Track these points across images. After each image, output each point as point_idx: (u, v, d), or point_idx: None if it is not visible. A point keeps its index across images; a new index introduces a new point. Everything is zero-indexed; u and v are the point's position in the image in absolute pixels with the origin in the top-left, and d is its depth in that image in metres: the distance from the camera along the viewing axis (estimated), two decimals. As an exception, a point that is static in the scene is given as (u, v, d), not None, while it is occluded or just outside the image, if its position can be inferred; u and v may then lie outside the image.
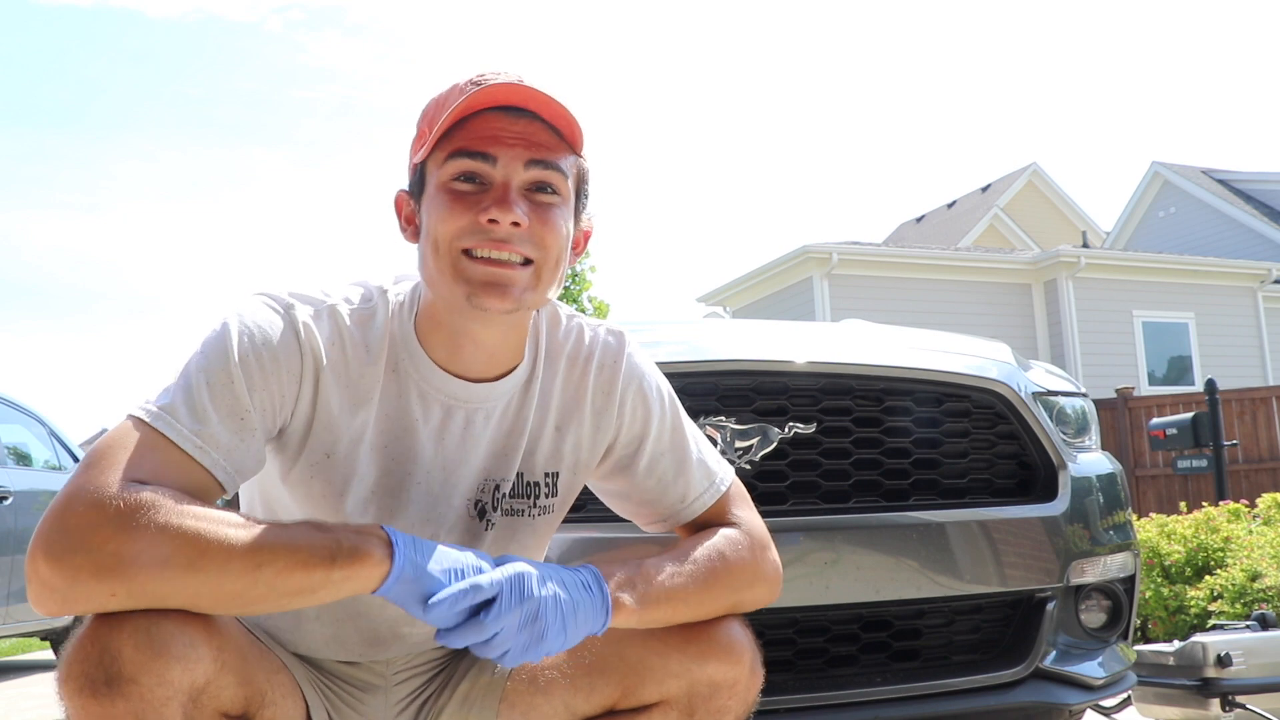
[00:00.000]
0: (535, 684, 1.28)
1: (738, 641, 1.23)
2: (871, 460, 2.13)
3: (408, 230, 1.23)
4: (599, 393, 1.32)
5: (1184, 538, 4.69)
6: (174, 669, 0.96)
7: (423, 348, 1.22)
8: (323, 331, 1.18)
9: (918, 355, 2.23)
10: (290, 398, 1.16)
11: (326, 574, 0.99)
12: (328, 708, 1.29)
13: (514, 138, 1.14)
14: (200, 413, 1.07)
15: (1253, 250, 16.96)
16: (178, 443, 1.05)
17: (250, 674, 1.10)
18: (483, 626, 1.02)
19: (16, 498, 5.66)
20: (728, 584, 1.23)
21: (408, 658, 1.35)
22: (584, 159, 1.22)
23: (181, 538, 0.95)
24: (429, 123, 1.19)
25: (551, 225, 1.15)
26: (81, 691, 0.94)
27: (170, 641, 0.96)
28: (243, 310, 1.16)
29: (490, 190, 1.14)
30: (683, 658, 1.21)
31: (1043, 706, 2.12)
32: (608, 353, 1.33)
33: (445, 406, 1.23)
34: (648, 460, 1.33)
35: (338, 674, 1.33)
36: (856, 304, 12.91)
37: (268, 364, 1.13)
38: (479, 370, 1.24)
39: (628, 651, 1.23)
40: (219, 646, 1.02)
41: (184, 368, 1.11)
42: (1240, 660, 2.68)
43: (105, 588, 0.94)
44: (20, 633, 5.92)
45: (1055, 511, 2.18)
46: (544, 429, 1.30)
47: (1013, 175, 22.01)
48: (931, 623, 2.15)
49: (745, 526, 1.32)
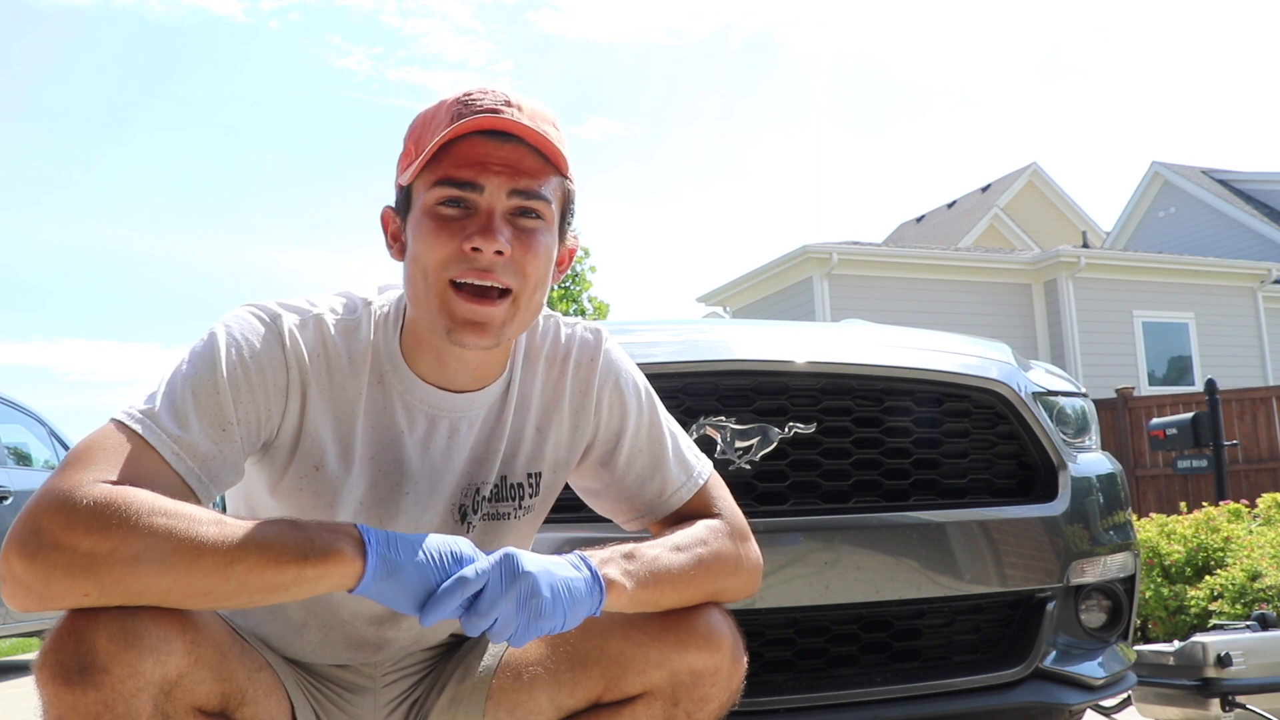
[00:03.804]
0: (520, 681, 1.29)
1: (717, 629, 1.24)
2: (871, 460, 2.13)
3: (394, 247, 1.25)
4: (576, 391, 1.34)
5: (1184, 538, 4.69)
6: (146, 660, 0.97)
7: (406, 361, 1.24)
8: (308, 342, 1.20)
9: (918, 355, 2.23)
10: (277, 411, 1.17)
11: (299, 571, 1.00)
12: (316, 709, 1.29)
13: (499, 164, 1.15)
14: (182, 420, 1.08)
15: (1253, 250, 16.97)
16: (156, 447, 1.06)
17: (229, 671, 1.10)
18: (481, 615, 1.04)
19: (16, 498, 5.67)
20: (712, 570, 1.25)
21: (396, 660, 1.36)
22: (570, 180, 1.23)
23: (153, 536, 0.96)
24: (415, 142, 1.20)
25: (534, 252, 1.16)
26: (55, 680, 0.96)
27: (144, 634, 0.97)
28: (230, 322, 1.17)
29: (475, 216, 1.15)
30: (662, 647, 1.21)
31: (1043, 707, 2.12)
32: (584, 350, 1.35)
33: (430, 417, 1.25)
34: (626, 455, 1.35)
35: (328, 676, 1.34)
36: (856, 304, 12.92)
37: (254, 376, 1.15)
38: (462, 383, 1.25)
39: (608, 644, 1.24)
40: (195, 641, 1.03)
41: (170, 376, 1.12)
42: (1240, 660, 2.68)
43: (79, 586, 0.95)
44: (20, 633, 5.93)
45: (1055, 511, 2.18)
46: (524, 430, 1.31)
47: (1013, 175, 22.03)
48: (931, 623, 2.15)
49: (726, 517, 1.33)
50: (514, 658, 1.31)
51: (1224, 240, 17.61)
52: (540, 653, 1.28)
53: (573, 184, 1.24)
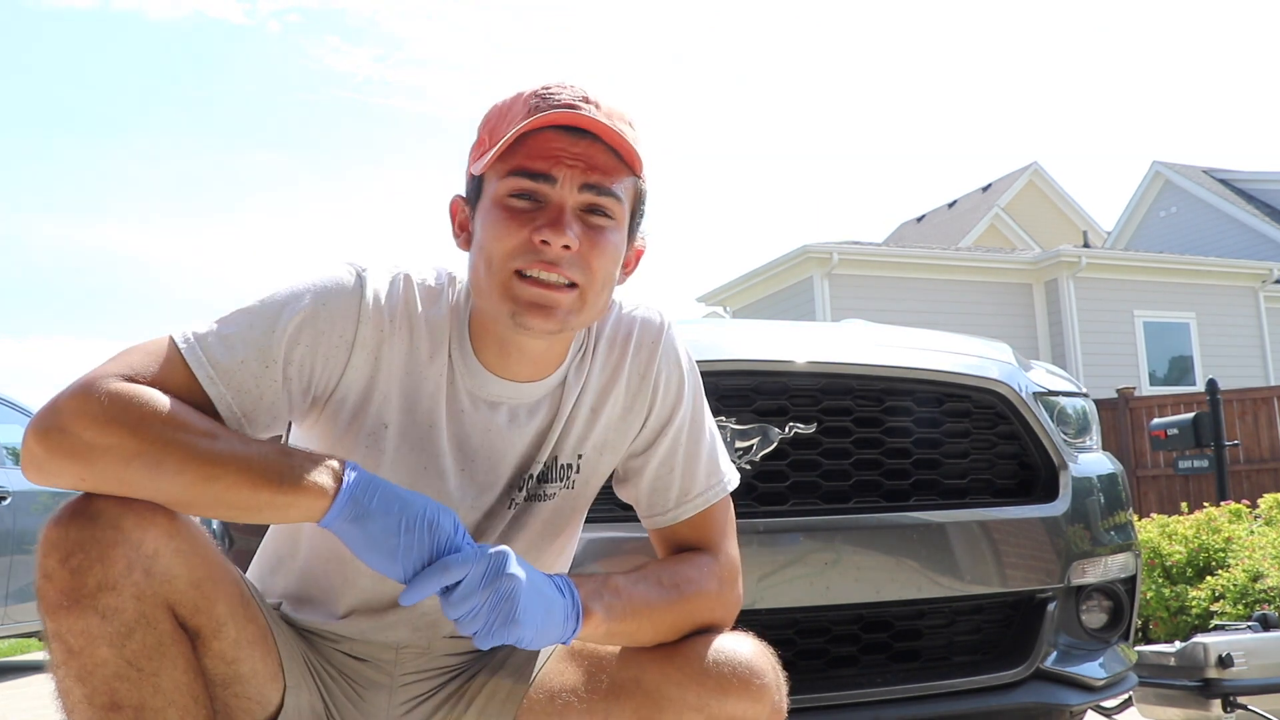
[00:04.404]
0: (552, 705, 1.27)
1: (760, 674, 1.21)
2: (872, 460, 2.12)
3: (460, 236, 1.24)
4: (635, 373, 1.32)
5: (1185, 538, 4.69)
6: (128, 518, 1.02)
7: (473, 347, 1.24)
8: (393, 301, 1.20)
9: (918, 355, 2.23)
10: (337, 364, 1.17)
11: (271, 496, 1.03)
12: (323, 692, 1.28)
13: (573, 159, 1.13)
14: (228, 349, 1.11)
15: (1254, 250, 16.95)
16: (192, 368, 1.09)
17: (210, 592, 1.10)
18: (452, 604, 1.04)
19: (16, 498, 5.66)
20: (693, 610, 1.24)
21: (418, 660, 1.34)
22: (643, 180, 1.21)
23: (149, 439, 1.01)
24: (490, 132, 1.19)
25: (601, 249, 1.15)
26: (57, 521, 1.03)
27: (138, 505, 1.04)
28: (317, 269, 1.19)
29: (545, 209, 1.14)
30: (701, 690, 1.18)
31: (1043, 707, 2.11)
32: (647, 331, 1.33)
33: (491, 403, 1.25)
34: (667, 445, 1.33)
35: (344, 668, 1.32)
36: (857, 304, 12.91)
37: (321, 323, 1.15)
38: (524, 374, 1.25)
39: (645, 677, 1.22)
40: (176, 536, 1.06)
41: (238, 306, 1.15)
42: (1241, 661, 2.68)
43: (76, 470, 1.02)
44: (19, 633, 5.92)
45: (1056, 512, 2.18)
46: (580, 412, 1.30)
47: (1014, 175, 22.01)
48: (932, 623, 2.14)
49: (721, 557, 1.32)
50: (548, 679, 1.29)
51: (1225, 240, 17.60)
52: (576, 677, 1.26)
53: (646, 184, 1.22)
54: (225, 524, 2.13)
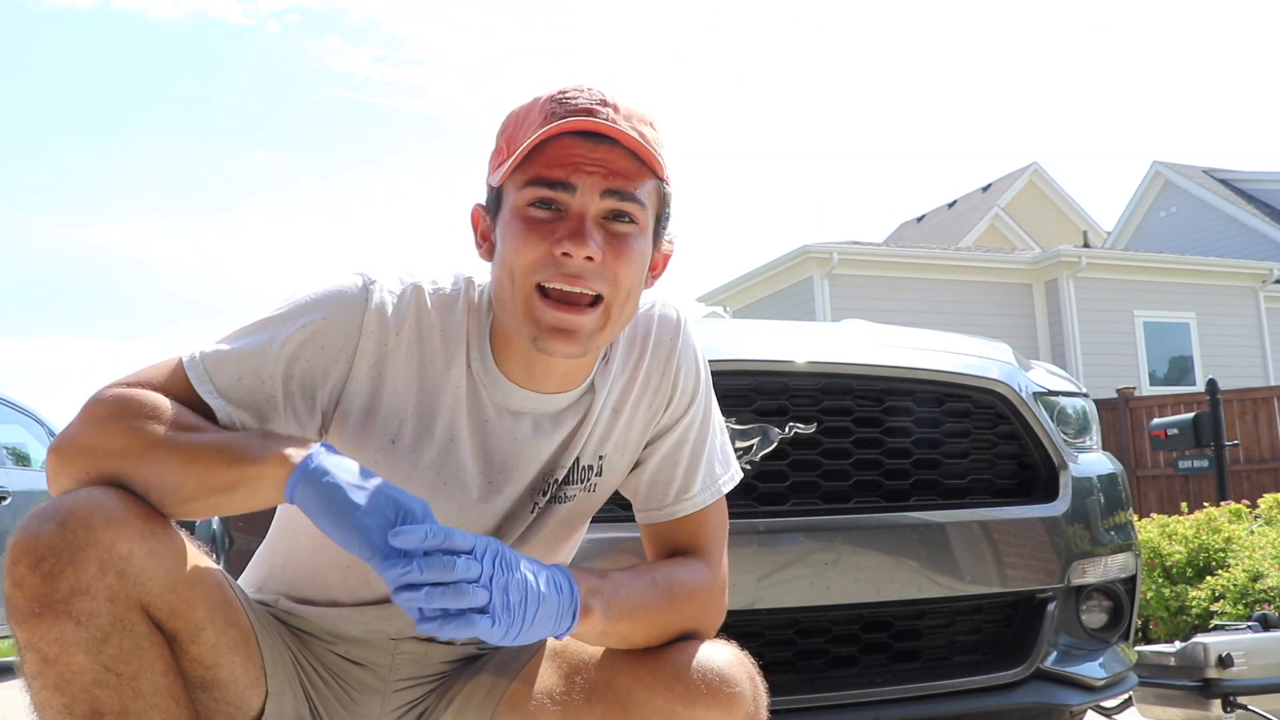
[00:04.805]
0: (529, 703, 1.26)
1: (732, 683, 1.17)
2: (872, 460, 2.12)
3: (482, 247, 1.22)
4: (654, 371, 1.31)
5: (1185, 538, 4.69)
6: (98, 519, 1.02)
7: (495, 359, 1.22)
8: (400, 311, 1.18)
9: (918, 355, 2.23)
10: (337, 374, 1.16)
11: (243, 470, 1.04)
12: (311, 694, 1.27)
13: (593, 165, 1.11)
14: (226, 366, 1.13)
15: (1254, 250, 16.95)
16: (194, 384, 1.12)
17: (188, 596, 1.08)
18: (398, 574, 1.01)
19: (15, 498, 5.66)
20: (682, 615, 1.22)
21: (414, 667, 1.34)
22: (666, 183, 1.19)
23: (138, 435, 1.06)
24: (508, 141, 1.17)
25: (626, 257, 1.13)
26: (25, 526, 1.03)
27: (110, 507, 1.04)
28: (322, 279, 1.18)
29: (566, 219, 1.11)
30: (670, 696, 1.15)
31: (1043, 707, 2.11)
32: (665, 328, 1.32)
33: (515, 413, 1.24)
34: (674, 440, 1.32)
35: (337, 671, 1.32)
36: (857, 304, 12.91)
37: (320, 336, 1.15)
38: (551, 387, 1.23)
39: (617, 680, 1.20)
40: (151, 538, 1.05)
41: (244, 323, 1.17)
42: (1241, 661, 2.68)
43: (82, 465, 1.08)
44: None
45: (1056, 512, 2.18)
46: (602, 414, 1.29)
47: (1014, 175, 22.00)
48: (932, 623, 2.14)
49: (713, 566, 1.30)
50: (528, 677, 1.28)
51: (1225, 240, 17.59)
52: (555, 677, 1.25)
53: (669, 187, 1.20)
54: (225, 524, 2.12)
